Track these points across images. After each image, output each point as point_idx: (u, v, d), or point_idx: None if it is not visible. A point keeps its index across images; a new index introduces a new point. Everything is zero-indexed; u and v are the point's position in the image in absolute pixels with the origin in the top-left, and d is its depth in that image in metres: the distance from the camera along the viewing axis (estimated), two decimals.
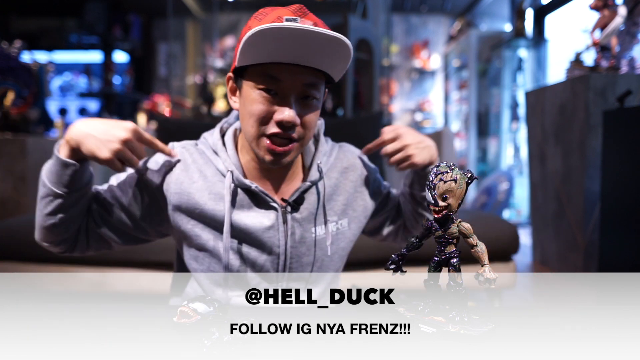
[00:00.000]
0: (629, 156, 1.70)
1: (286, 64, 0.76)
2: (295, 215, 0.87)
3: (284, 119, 0.77)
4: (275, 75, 0.77)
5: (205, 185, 0.84)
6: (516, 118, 4.85)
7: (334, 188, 0.92)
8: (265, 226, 0.85)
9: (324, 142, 0.95)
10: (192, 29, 5.85)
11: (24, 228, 1.68)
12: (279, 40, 0.71)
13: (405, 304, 0.74)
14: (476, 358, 0.56)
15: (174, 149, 0.88)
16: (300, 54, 0.74)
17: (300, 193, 0.87)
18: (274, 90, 0.78)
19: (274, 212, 0.86)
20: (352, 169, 0.96)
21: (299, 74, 0.77)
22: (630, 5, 2.31)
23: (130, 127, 0.78)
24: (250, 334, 0.64)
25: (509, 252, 1.77)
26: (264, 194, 0.84)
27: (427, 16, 6.32)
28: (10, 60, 2.71)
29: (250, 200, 0.85)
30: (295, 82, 0.77)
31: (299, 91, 0.78)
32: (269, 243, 0.86)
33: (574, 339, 0.63)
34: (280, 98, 0.78)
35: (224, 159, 0.86)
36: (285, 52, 0.74)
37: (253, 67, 0.79)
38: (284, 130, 0.78)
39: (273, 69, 0.77)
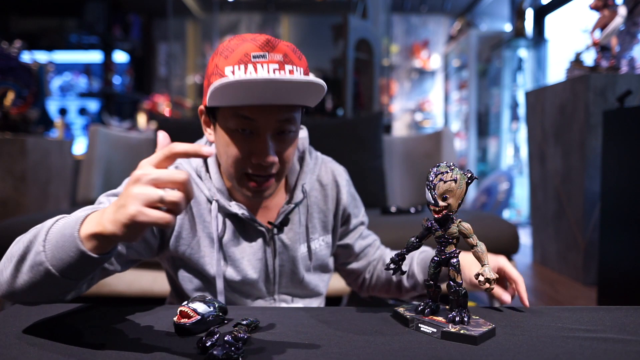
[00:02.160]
0: (629, 156, 1.70)
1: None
2: (282, 236, 0.89)
3: (262, 162, 0.76)
4: (248, 116, 0.75)
5: (199, 212, 0.85)
6: (516, 118, 4.85)
7: (316, 206, 0.94)
8: (255, 249, 0.87)
9: (309, 161, 0.94)
10: (192, 29, 5.85)
11: (24, 228, 1.67)
12: (247, 89, 0.70)
13: (405, 304, 0.74)
14: (476, 358, 0.56)
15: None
16: (271, 96, 0.72)
17: (285, 215, 0.88)
18: (249, 130, 0.76)
19: (261, 236, 0.88)
20: (331, 186, 0.96)
21: (272, 112, 0.75)
22: (630, 5, 2.31)
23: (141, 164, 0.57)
24: (250, 334, 0.64)
25: (509, 252, 1.77)
26: (250, 220, 0.85)
27: (427, 16, 6.32)
28: (10, 60, 2.71)
29: (238, 225, 0.87)
30: (270, 120, 0.75)
31: (275, 128, 0.77)
32: (260, 265, 0.88)
33: (573, 338, 0.63)
34: (256, 136, 0.76)
35: (208, 187, 0.85)
36: (255, 96, 0.72)
37: (227, 109, 0.77)
38: (262, 171, 0.78)
39: (245, 110, 0.75)
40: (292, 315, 0.73)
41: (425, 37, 6.30)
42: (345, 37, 3.43)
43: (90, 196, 2.17)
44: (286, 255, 0.90)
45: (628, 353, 0.58)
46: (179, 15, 5.49)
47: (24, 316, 0.70)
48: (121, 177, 2.27)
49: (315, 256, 0.93)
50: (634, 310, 0.74)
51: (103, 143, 2.24)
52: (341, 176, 0.98)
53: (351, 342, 0.61)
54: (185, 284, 0.88)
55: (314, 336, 0.63)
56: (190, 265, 0.87)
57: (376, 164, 2.21)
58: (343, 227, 1.00)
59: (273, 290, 0.91)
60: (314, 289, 0.95)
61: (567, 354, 0.57)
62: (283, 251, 0.89)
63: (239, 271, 0.86)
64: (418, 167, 2.32)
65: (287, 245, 0.89)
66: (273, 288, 0.91)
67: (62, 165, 2.78)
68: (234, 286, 0.88)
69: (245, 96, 0.72)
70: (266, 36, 0.75)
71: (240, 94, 0.71)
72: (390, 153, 2.37)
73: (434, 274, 0.69)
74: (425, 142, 2.35)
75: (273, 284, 0.90)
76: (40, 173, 2.54)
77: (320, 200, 0.94)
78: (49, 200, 2.63)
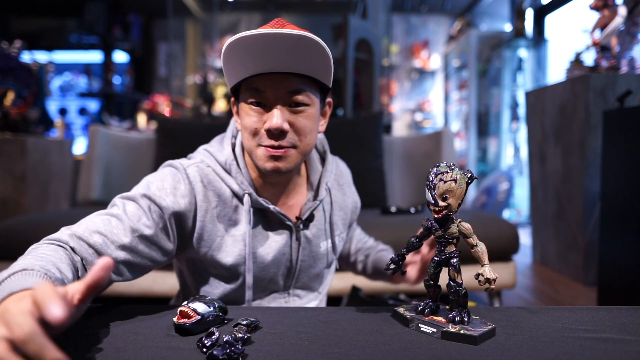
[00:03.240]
0: (629, 156, 1.70)
1: (268, 74, 0.77)
2: (306, 232, 0.91)
3: (271, 127, 0.77)
4: (258, 87, 0.78)
5: (224, 211, 0.84)
6: (516, 118, 4.85)
7: (337, 204, 0.98)
8: (280, 245, 0.88)
9: (331, 160, 0.98)
10: (192, 29, 5.85)
11: (24, 228, 1.68)
12: (250, 52, 0.73)
13: (405, 304, 0.74)
14: (476, 358, 0.56)
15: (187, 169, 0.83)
16: (275, 61, 0.75)
17: (311, 211, 0.90)
18: (262, 102, 0.79)
19: (288, 231, 0.89)
20: (347, 185, 1.03)
21: (281, 82, 0.77)
22: (630, 5, 2.31)
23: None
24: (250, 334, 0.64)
25: (509, 252, 1.77)
26: (280, 214, 0.86)
27: (427, 16, 6.32)
28: (10, 60, 2.71)
29: (266, 220, 0.88)
30: (279, 90, 0.78)
31: (285, 99, 0.78)
32: (283, 260, 0.89)
33: (573, 338, 0.63)
34: (268, 109, 0.79)
35: (239, 181, 0.85)
36: (260, 61, 0.75)
37: (243, 85, 0.80)
38: (275, 139, 0.79)
39: (256, 81, 0.78)
40: (292, 315, 0.73)
41: (425, 37, 6.30)
42: (345, 37, 3.43)
43: (90, 196, 2.17)
44: (308, 251, 0.91)
45: (628, 353, 0.58)
46: (179, 15, 5.49)
47: None
48: (121, 177, 2.27)
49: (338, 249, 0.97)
50: (634, 310, 0.74)
51: (103, 143, 2.24)
52: (349, 175, 1.06)
53: (351, 342, 0.61)
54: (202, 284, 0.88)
55: (314, 336, 0.63)
56: (211, 267, 0.86)
57: (376, 164, 2.21)
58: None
59: (289, 285, 0.92)
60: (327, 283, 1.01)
61: (567, 354, 0.57)
62: (306, 247, 0.91)
63: (262, 267, 0.87)
64: (418, 167, 2.32)
65: (310, 240, 0.91)
66: (290, 282, 0.92)
67: (62, 165, 2.78)
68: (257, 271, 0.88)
69: (252, 62, 0.75)
70: (277, 18, 0.79)
71: (246, 61, 0.75)
72: (390, 153, 2.37)
73: (434, 274, 0.69)
74: (425, 142, 2.35)
75: (292, 279, 0.92)
76: (40, 173, 2.54)
77: (340, 199, 0.99)
78: (49, 200, 2.63)
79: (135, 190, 0.80)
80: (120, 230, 0.73)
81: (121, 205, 0.77)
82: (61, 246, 0.68)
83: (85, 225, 0.72)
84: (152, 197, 0.78)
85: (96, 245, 0.70)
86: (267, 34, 0.70)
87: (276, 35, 0.70)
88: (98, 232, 0.72)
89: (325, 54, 0.74)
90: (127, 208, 0.76)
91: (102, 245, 0.71)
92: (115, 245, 0.72)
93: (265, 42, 0.71)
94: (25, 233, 1.64)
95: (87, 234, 0.71)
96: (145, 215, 0.76)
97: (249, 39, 0.71)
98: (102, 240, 0.71)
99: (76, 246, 0.69)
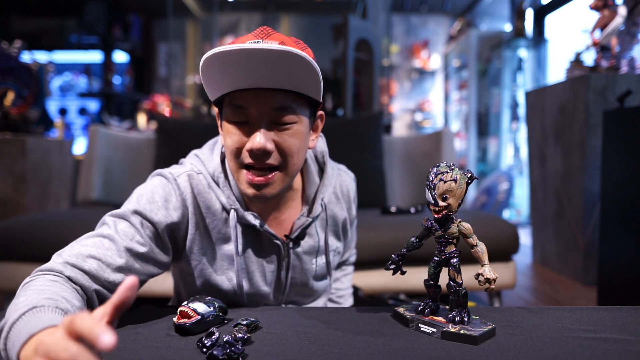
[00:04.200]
0: (629, 156, 1.70)
1: (251, 90, 0.72)
2: (297, 250, 0.87)
3: (253, 147, 0.72)
4: (241, 104, 0.73)
5: (214, 223, 0.81)
6: (516, 118, 4.85)
7: (331, 219, 0.92)
8: (267, 262, 0.85)
9: (330, 174, 0.91)
10: (192, 29, 5.85)
11: (24, 228, 1.68)
12: (229, 67, 0.68)
13: (405, 304, 0.74)
14: (476, 358, 0.56)
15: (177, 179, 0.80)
16: (257, 76, 0.70)
17: (302, 230, 0.85)
18: (245, 120, 0.74)
19: (276, 249, 0.85)
20: (345, 200, 0.96)
21: (265, 98, 0.72)
22: (630, 5, 2.31)
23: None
24: (250, 334, 0.64)
25: (509, 252, 1.77)
26: (268, 234, 0.82)
27: (427, 16, 6.32)
28: (10, 60, 2.71)
29: (256, 235, 0.84)
30: (263, 107, 0.72)
31: (270, 117, 0.73)
32: (272, 278, 0.86)
33: (573, 338, 0.63)
34: (252, 127, 0.74)
35: (227, 195, 0.81)
36: (241, 77, 0.70)
37: (225, 100, 0.76)
38: (257, 159, 0.74)
39: (238, 97, 0.73)
40: (292, 315, 0.73)
41: (425, 37, 6.30)
42: (345, 37, 3.43)
43: (90, 196, 2.17)
44: (299, 269, 0.88)
45: (628, 353, 0.58)
46: (179, 15, 5.49)
47: None
48: (121, 177, 2.27)
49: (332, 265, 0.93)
50: (634, 310, 0.74)
51: (103, 143, 2.24)
52: (352, 189, 0.98)
53: (351, 342, 0.61)
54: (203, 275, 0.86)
55: (314, 336, 0.63)
56: (202, 280, 0.84)
57: (376, 164, 2.21)
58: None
59: (281, 300, 0.90)
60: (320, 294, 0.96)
61: (567, 354, 0.57)
62: (297, 264, 0.87)
63: (251, 283, 0.84)
64: (418, 167, 2.32)
65: (301, 258, 0.87)
66: (281, 298, 0.89)
67: (62, 165, 2.78)
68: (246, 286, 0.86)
69: (231, 76, 0.70)
70: (263, 27, 0.75)
71: (226, 75, 0.70)
72: (390, 153, 2.37)
73: (434, 274, 0.69)
74: (425, 142, 2.35)
75: (282, 294, 0.89)
76: (40, 173, 2.54)
77: (336, 213, 0.93)
78: (49, 200, 2.63)
79: (125, 206, 0.76)
80: (114, 252, 0.71)
81: (112, 224, 0.74)
82: (57, 276, 0.65)
83: (77, 251, 0.69)
84: (143, 212, 0.75)
85: (91, 271, 0.68)
86: (246, 49, 0.65)
87: (256, 50, 0.65)
88: (92, 257, 0.69)
89: (311, 68, 0.68)
90: (119, 227, 0.73)
91: (98, 270, 0.68)
92: (111, 268, 0.70)
93: (246, 56, 0.66)
94: (25, 233, 1.64)
95: (80, 261, 0.68)
96: (138, 233, 0.73)
97: (228, 54, 0.66)
98: (97, 264, 0.69)
99: (72, 274, 0.66)
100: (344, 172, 0.98)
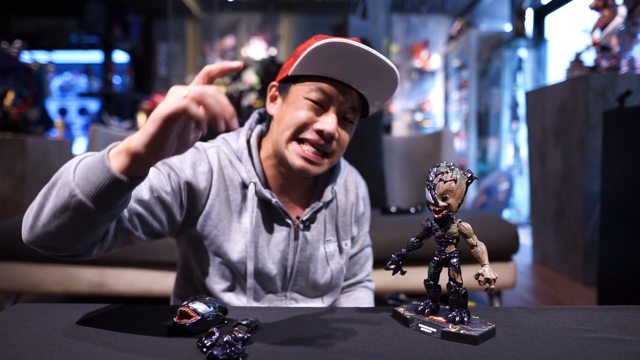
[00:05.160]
0: (629, 156, 1.70)
1: (338, 81, 0.81)
2: (306, 234, 0.90)
3: (326, 129, 0.80)
4: (326, 91, 0.81)
5: (233, 196, 0.86)
6: (516, 118, 4.85)
7: (341, 210, 0.96)
8: (277, 241, 0.88)
9: (342, 166, 0.98)
10: (192, 29, 5.85)
11: None
12: (340, 57, 0.76)
13: (405, 304, 0.74)
14: (476, 358, 0.56)
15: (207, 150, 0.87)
16: (355, 75, 0.79)
17: (313, 212, 0.90)
18: (321, 104, 0.81)
19: (287, 228, 0.89)
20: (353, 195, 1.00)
21: (347, 94, 0.82)
22: (630, 5, 2.31)
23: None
24: (250, 334, 0.64)
25: (509, 252, 1.77)
26: (281, 210, 0.87)
27: (427, 16, 6.32)
28: (10, 60, 2.71)
29: (270, 213, 0.88)
30: (343, 101, 0.82)
31: (343, 111, 0.83)
32: (279, 257, 0.89)
33: (573, 338, 0.63)
34: (325, 111, 0.82)
35: (248, 169, 0.86)
36: (343, 70, 0.78)
37: (307, 79, 0.82)
38: (324, 140, 0.81)
39: (326, 84, 0.81)
40: (292, 315, 0.73)
41: (425, 37, 6.30)
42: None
43: None
44: (307, 253, 0.90)
45: (628, 353, 0.58)
46: (179, 15, 5.50)
47: (24, 316, 0.70)
48: None
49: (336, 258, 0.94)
50: (634, 310, 0.74)
51: (103, 143, 2.24)
52: (362, 187, 1.03)
53: (351, 342, 0.61)
54: (203, 266, 0.88)
55: (314, 336, 0.63)
56: (213, 248, 0.86)
57: (376, 164, 2.21)
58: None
59: (287, 286, 0.91)
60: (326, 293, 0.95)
61: (567, 354, 0.57)
62: (305, 248, 0.90)
63: (259, 259, 0.87)
64: (418, 167, 2.32)
65: (309, 242, 0.90)
66: (287, 284, 0.91)
67: (62, 165, 2.78)
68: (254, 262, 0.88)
69: (335, 66, 0.78)
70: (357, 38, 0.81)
71: (331, 63, 0.77)
72: (390, 153, 2.37)
73: (434, 274, 0.69)
74: (425, 142, 2.35)
75: (288, 280, 0.90)
76: (40, 173, 2.54)
77: (345, 204, 0.97)
78: None
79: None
80: (142, 187, 0.74)
81: None
82: None
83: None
84: (172, 166, 0.80)
85: None
86: (370, 53, 0.74)
87: (376, 58, 0.75)
88: None
89: (393, 91, 0.82)
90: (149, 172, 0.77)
91: None
92: (134, 198, 0.73)
93: (361, 56, 0.75)
94: None
95: None
96: (164, 180, 0.78)
97: (351, 48, 0.74)
98: None
99: None
100: (357, 175, 1.05)
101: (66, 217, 0.59)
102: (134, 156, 0.55)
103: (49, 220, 0.60)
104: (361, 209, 1.01)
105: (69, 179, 0.58)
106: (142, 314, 0.73)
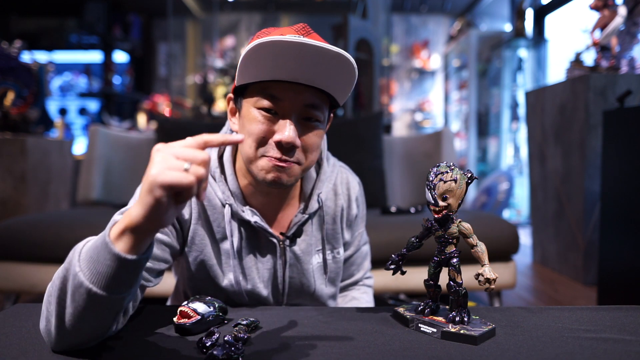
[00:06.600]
0: (629, 156, 1.70)
1: (287, 82, 0.73)
2: (294, 248, 0.85)
3: (283, 139, 0.72)
4: (275, 94, 0.73)
5: (214, 216, 0.82)
6: (516, 118, 4.85)
7: (329, 216, 0.90)
8: (264, 260, 0.84)
9: (326, 168, 0.90)
10: (192, 29, 5.85)
11: (24, 228, 1.67)
12: (279, 56, 0.68)
13: (405, 304, 0.74)
14: (476, 358, 0.56)
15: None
16: (301, 71, 0.71)
17: (297, 227, 0.85)
18: (274, 110, 0.74)
19: (272, 246, 0.84)
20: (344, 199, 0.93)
21: (300, 93, 0.73)
22: (630, 5, 2.31)
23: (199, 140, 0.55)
24: (250, 334, 0.64)
25: (509, 252, 1.77)
26: (261, 230, 0.82)
27: (427, 16, 6.32)
28: (10, 60, 2.71)
29: (250, 231, 0.83)
30: (296, 101, 0.73)
31: (300, 111, 0.74)
32: (268, 276, 0.85)
33: (573, 338, 0.63)
34: (281, 118, 0.74)
35: (222, 189, 0.81)
36: (285, 69, 0.71)
37: (253, 86, 0.75)
38: (283, 153, 0.74)
39: (273, 87, 0.73)
40: (292, 315, 0.73)
41: (425, 37, 6.30)
42: (345, 37, 3.43)
43: (90, 196, 2.17)
44: (297, 268, 0.86)
45: (628, 353, 0.58)
46: (179, 15, 5.49)
47: (24, 316, 0.70)
48: (121, 177, 2.27)
49: (329, 268, 0.90)
50: (634, 310, 0.74)
51: (103, 143, 2.24)
52: (354, 189, 0.95)
53: (351, 342, 0.61)
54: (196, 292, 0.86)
55: (314, 336, 0.63)
56: (202, 273, 0.83)
57: (376, 164, 2.21)
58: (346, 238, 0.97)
59: (281, 301, 0.88)
60: (324, 302, 0.92)
61: (567, 354, 0.57)
62: (294, 263, 0.86)
63: (249, 281, 0.83)
64: (418, 167, 2.32)
65: (298, 257, 0.86)
66: (281, 299, 0.88)
67: (62, 165, 2.78)
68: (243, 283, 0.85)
69: (276, 67, 0.70)
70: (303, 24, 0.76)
71: (270, 64, 0.70)
72: (390, 153, 2.37)
73: (434, 274, 0.69)
74: (425, 142, 2.35)
75: (282, 295, 0.87)
76: (40, 173, 2.54)
77: (334, 210, 0.91)
78: (49, 200, 2.63)
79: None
80: None
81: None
82: None
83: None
84: None
85: None
86: (305, 44, 0.66)
87: (314, 47, 0.66)
88: None
89: (354, 76, 0.71)
90: None
91: None
92: None
93: (299, 50, 0.67)
94: (25, 233, 1.64)
95: None
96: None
97: (284, 44, 0.66)
98: None
99: None
100: (349, 173, 0.97)
101: (94, 315, 0.57)
102: (137, 231, 0.53)
103: (77, 324, 0.57)
104: (354, 212, 0.94)
105: (80, 280, 0.54)
106: (142, 314, 0.73)
